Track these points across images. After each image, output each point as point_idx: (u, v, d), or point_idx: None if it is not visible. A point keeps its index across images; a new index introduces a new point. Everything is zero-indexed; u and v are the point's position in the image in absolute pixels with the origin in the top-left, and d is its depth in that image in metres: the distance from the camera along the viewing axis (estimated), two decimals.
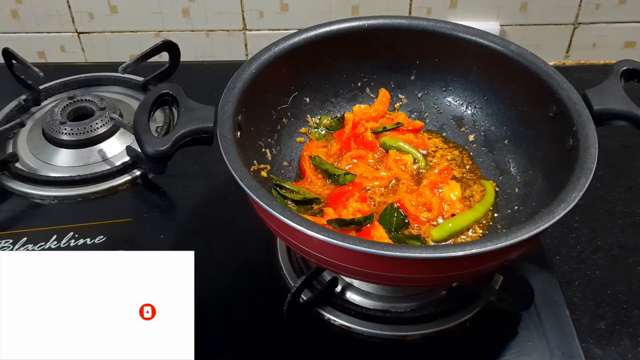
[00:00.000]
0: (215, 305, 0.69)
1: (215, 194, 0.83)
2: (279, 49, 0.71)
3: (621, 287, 0.71)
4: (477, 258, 0.53)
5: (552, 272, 0.72)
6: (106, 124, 0.89)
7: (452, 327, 0.67)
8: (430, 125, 0.81)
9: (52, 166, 0.86)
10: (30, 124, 0.93)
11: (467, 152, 0.78)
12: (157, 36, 1.14)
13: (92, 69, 1.04)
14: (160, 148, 0.59)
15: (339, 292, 0.70)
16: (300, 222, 0.53)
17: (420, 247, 0.52)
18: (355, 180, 0.73)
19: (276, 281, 0.72)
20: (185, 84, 0.67)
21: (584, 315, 0.68)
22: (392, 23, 0.74)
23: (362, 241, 0.52)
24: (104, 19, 1.13)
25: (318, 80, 0.79)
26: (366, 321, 0.67)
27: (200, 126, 0.61)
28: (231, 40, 1.14)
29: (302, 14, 1.11)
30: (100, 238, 0.77)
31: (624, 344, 0.66)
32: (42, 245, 0.76)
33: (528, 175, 0.71)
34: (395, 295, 0.69)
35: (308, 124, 0.79)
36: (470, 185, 0.74)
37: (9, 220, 0.80)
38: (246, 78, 0.67)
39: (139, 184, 0.85)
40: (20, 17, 1.14)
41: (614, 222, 0.79)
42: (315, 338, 0.67)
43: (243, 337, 0.66)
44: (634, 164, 0.87)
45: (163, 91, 0.64)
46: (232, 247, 0.76)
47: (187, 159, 0.83)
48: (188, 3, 1.10)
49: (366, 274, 0.58)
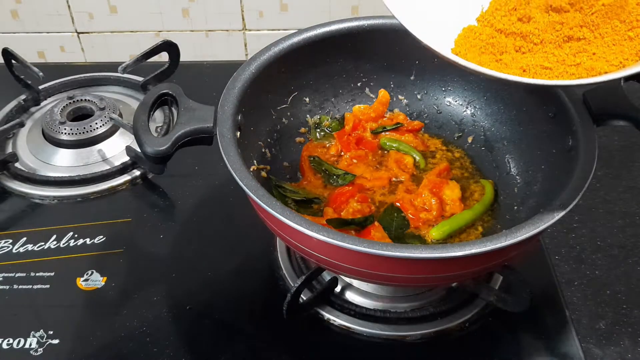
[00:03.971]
0: (215, 305, 0.69)
1: (215, 194, 0.83)
2: (279, 49, 0.71)
3: (621, 287, 0.71)
4: (477, 258, 0.53)
5: (552, 272, 0.72)
6: (106, 124, 0.89)
7: (452, 327, 0.67)
8: (430, 126, 0.81)
9: (52, 166, 0.86)
10: (30, 124, 0.93)
11: (466, 152, 0.78)
12: (157, 36, 1.14)
13: (91, 69, 1.04)
14: (160, 148, 0.59)
15: (338, 292, 0.70)
16: (300, 222, 0.53)
17: (420, 247, 0.52)
18: (355, 181, 0.73)
19: (276, 281, 0.72)
20: (185, 84, 0.67)
21: (584, 315, 0.68)
22: (392, 23, 0.74)
23: (362, 241, 0.52)
24: (104, 19, 1.13)
25: (318, 80, 0.79)
26: (366, 321, 0.67)
27: (200, 126, 0.61)
28: (231, 40, 1.14)
29: (302, 14, 1.11)
30: (100, 238, 0.77)
31: (624, 344, 0.66)
32: (41, 245, 0.76)
33: (528, 175, 0.71)
34: (395, 295, 0.69)
35: (308, 124, 0.79)
36: (470, 185, 0.74)
37: (8, 220, 0.80)
38: (246, 78, 0.67)
39: (139, 184, 0.85)
40: (20, 17, 1.14)
41: (614, 222, 0.79)
42: (315, 338, 0.67)
43: (243, 337, 0.66)
44: (633, 164, 0.87)
45: (163, 91, 0.64)
46: (232, 247, 0.76)
47: (187, 159, 0.83)
48: (188, 3, 1.10)
49: (366, 274, 0.58)
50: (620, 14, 0.49)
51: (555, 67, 0.50)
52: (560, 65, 0.50)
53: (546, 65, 0.50)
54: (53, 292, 0.71)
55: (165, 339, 0.66)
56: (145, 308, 0.69)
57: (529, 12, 0.52)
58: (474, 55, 0.53)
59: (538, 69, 0.50)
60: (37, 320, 0.68)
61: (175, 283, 0.72)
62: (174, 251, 0.76)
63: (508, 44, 0.52)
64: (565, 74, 0.49)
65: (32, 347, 0.65)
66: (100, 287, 0.71)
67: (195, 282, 0.72)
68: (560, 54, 0.50)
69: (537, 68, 0.50)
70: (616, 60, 0.48)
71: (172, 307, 0.69)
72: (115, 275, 0.72)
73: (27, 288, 0.71)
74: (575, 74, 0.49)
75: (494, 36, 0.53)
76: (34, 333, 0.66)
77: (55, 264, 0.74)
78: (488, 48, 0.53)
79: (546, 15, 0.52)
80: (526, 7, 0.52)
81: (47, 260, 0.74)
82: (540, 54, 0.51)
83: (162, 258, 0.75)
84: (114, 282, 0.72)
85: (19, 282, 0.72)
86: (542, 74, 0.50)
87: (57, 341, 0.66)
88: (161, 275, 0.73)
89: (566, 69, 0.49)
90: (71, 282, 0.72)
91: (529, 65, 0.50)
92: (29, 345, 0.65)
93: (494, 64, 0.52)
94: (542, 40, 0.51)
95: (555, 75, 0.49)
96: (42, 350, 0.65)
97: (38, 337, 0.66)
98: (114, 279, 0.72)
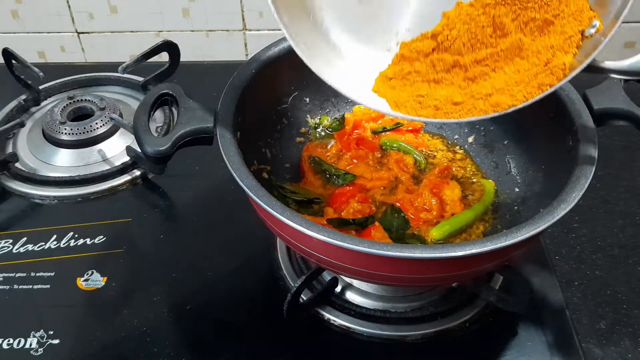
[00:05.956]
0: (215, 305, 0.69)
1: (215, 194, 0.83)
2: (279, 49, 0.71)
3: (621, 287, 0.71)
4: (477, 258, 0.53)
5: (552, 272, 0.72)
6: (106, 124, 0.89)
7: (452, 327, 0.67)
8: (430, 126, 0.81)
9: (52, 166, 0.86)
10: (30, 124, 0.93)
11: (467, 153, 0.78)
12: (157, 36, 1.14)
13: (92, 69, 1.04)
14: (160, 148, 0.59)
15: (339, 292, 0.70)
16: (300, 222, 0.53)
17: (420, 247, 0.52)
18: (356, 181, 0.73)
19: (276, 281, 0.72)
20: (185, 84, 0.67)
21: (584, 315, 0.68)
22: None
23: (362, 241, 0.52)
24: (104, 19, 1.13)
25: (318, 80, 0.78)
26: (366, 321, 0.67)
27: (200, 126, 0.61)
28: (231, 40, 1.14)
29: None
30: (100, 238, 0.77)
31: (624, 344, 0.66)
32: (42, 245, 0.76)
33: (528, 175, 0.71)
34: (395, 295, 0.69)
35: (308, 124, 0.79)
36: (470, 185, 0.74)
37: (9, 220, 0.80)
38: (246, 78, 0.67)
39: (139, 184, 0.85)
40: (20, 17, 1.14)
41: (614, 222, 0.78)
42: (315, 338, 0.67)
43: (243, 337, 0.66)
44: (634, 164, 0.87)
45: (163, 91, 0.64)
46: (232, 247, 0.76)
47: (187, 159, 0.83)
48: (188, 3, 1.10)
49: (366, 274, 0.58)
50: (519, 53, 0.52)
51: (466, 101, 0.53)
52: (469, 99, 0.53)
53: (457, 101, 0.53)
54: (53, 292, 0.71)
55: (165, 339, 0.66)
56: (145, 308, 0.69)
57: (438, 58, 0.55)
58: (393, 94, 0.56)
59: (449, 106, 0.54)
60: (37, 320, 0.68)
61: (175, 283, 0.72)
62: (174, 251, 0.76)
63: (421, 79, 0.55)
64: (474, 110, 0.52)
65: (33, 347, 0.65)
66: (100, 287, 0.71)
67: (195, 282, 0.72)
68: (470, 89, 0.53)
69: (448, 105, 0.54)
70: (520, 94, 0.52)
71: (172, 307, 0.69)
72: (115, 275, 0.72)
73: (27, 288, 0.71)
74: (482, 110, 0.52)
75: (410, 71, 0.56)
76: (34, 333, 0.66)
77: (56, 264, 0.74)
78: (406, 83, 0.56)
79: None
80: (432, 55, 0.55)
81: (47, 260, 0.74)
82: (450, 87, 0.54)
83: (162, 258, 0.75)
84: (114, 282, 0.72)
85: (19, 282, 0.72)
86: (453, 111, 0.53)
87: (57, 341, 0.66)
88: (161, 275, 0.73)
89: (474, 103, 0.53)
90: (71, 282, 0.72)
91: (441, 101, 0.54)
92: (29, 345, 0.65)
93: (412, 102, 0.55)
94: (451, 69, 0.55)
95: (465, 112, 0.53)
96: (43, 350, 0.65)
97: (38, 337, 0.66)
98: (114, 279, 0.72)
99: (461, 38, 0.53)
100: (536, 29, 0.51)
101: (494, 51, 0.53)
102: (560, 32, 0.51)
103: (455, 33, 0.53)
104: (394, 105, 0.55)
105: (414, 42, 0.56)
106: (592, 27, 0.50)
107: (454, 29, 0.53)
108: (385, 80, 0.57)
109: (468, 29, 0.53)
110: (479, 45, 0.53)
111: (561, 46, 0.51)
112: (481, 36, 0.52)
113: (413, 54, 0.55)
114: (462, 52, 0.53)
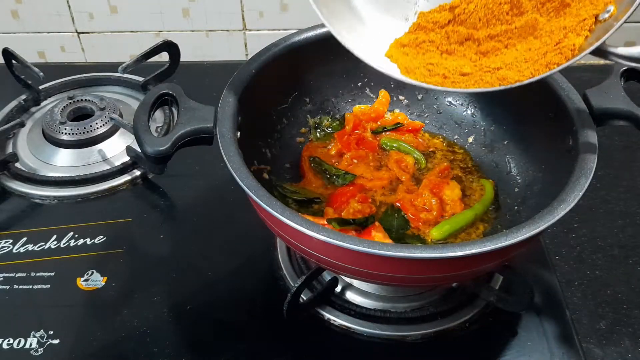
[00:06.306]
0: (215, 305, 0.69)
1: (215, 194, 0.83)
2: (279, 49, 0.71)
3: (621, 287, 0.71)
4: (477, 258, 0.53)
5: (552, 272, 0.72)
6: (106, 124, 0.89)
7: (452, 327, 0.67)
8: (430, 126, 0.81)
9: (52, 166, 0.86)
10: (30, 124, 0.93)
11: (467, 152, 0.78)
12: (157, 36, 1.14)
13: (92, 69, 1.04)
14: (160, 148, 0.59)
15: (339, 292, 0.70)
16: (300, 222, 0.53)
17: (420, 247, 0.52)
18: (356, 181, 0.73)
19: (276, 281, 0.72)
20: (185, 84, 0.67)
21: (584, 315, 0.68)
22: None
23: (362, 241, 0.52)
24: (104, 19, 1.13)
25: (318, 80, 0.79)
26: (366, 321, 0.67)
27: (200, 126, 0.61)
28: (231, 40, 1.14)
29: (302, 14, 1.10)
30: (100, 238, 0.77)
31: (624, 344, 0.66)
32: (42, 245, 0.76)
33: (528, 175, 0.71)
34: (395, 295, 0.69)
35: (308, 124, 0.79)
36: (470, 185, 0.74)
37: (9, 220, 0.80)
38: (246, 78, 0.67)
39: (139, 184, 0.85)
40: (20, 17, 1.14)
41: (614, 222, 0.79)
42: (315, 338, 0.67)
43: (243, 337, 0.66)
44: (634, 164, 0.87)
45: (163, 91, 0.64)
46: (232, 247, 0.76)
47: (187, 159, 0.83)
48: (188, 3, 1.10)
49: (366, 274, 0.58)
50: (533, 32, 0.53)
51: (474, 73, 0.54)
52: (477, 71, 0.54)
53: (465, 72, 0.54)
54: (53, 292, 0.71)
55: (165, 339, 0.66)
56: (145, 308, 0.69)
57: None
58: (405, 60, 0.56)
59: (457, 76, 0.54)
60: (37, 320, 0.68)
61: (175, 283, 0.72)
62: (174, 251, 0.76)
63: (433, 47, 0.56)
64: (480, 82, 0.53)
65: (33, 347, 0.65)
66: (100, 287, 0.71)
67: (195, 282, 0.72)
68: (480, 62, 0.54)
69: (456, 75, 0.54)
70: (527, 71, 0.51)
71: (172, 307, 0.69)
72: (115, 275, 0.72)
73: (27, 288, 0.71)
74: (489, 82, 0.53)
75: (424, 40, 0.57)
76: (34, 333, 0.66)
77: (56, 264, 0.74)
78: (419, 51, 0.57)
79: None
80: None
81: (47, 260, 0.74)
82: (461, 59, 0.55)
83: (163, 258, 0.75)
84: (114, 282, 0.72)
85: (20, 282, 0.72)
86: (461, 81, 0.53)
87: (57, 341, 0.66)
88: (161, 275, 0.73)
89: (482, 76, 0.53)
90: (71, 282, 0.72)
91: (450, 70, 0.54)
92: (29, 345, 0.65)
93: (422, 69, 0.55)
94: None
95: (472, 83, 0.53)
96: (43, 350, 0.65)
97: (38, 337, 0.66)
98: (114, 279, 0.72)
99: (478, 13, 0.54)
100: (552, 10, 0.52)
101: (509, 28, 0.53)
102: (575, 14, 0.51)
103: (473, 7, 0.54)
104: (405, 70, 0.56)
105: (431, 13, 0.57)
106: (606, 12, 0.50)
107: (472, 2, 0.54)
108: (399, 46, 0.58)
109: (485, 5, 0.54)
110: (494, 21, 0.54)
111: (574, 28, 0.51)
112: (497, 12, 0.53)
113: (429, 24, 0.57)
114: (477, 26, 0.54)
